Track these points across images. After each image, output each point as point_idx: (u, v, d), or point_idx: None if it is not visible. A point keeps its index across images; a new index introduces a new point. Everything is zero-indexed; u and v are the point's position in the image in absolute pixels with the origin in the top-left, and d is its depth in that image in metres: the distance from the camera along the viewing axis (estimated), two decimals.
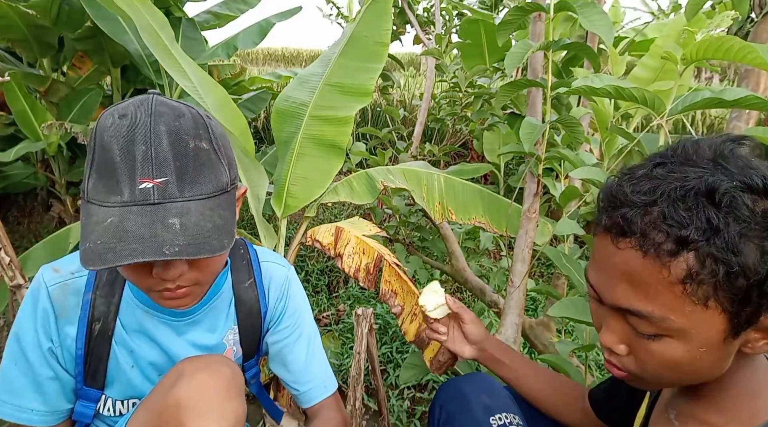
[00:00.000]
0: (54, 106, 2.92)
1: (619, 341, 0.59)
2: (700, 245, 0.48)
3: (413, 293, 1.53)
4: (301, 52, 20.42)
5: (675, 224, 0.49)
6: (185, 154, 0.63)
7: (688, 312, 0.51)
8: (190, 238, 0.61)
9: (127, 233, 0.59)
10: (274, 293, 0.94)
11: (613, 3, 2.99)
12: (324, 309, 2.54)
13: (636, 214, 0.52)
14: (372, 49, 1.77)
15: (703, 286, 0.49)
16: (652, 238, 0.50)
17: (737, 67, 5.17)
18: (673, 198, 0.50)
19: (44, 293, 0.77)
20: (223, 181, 0.67)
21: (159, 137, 0.62)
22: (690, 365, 0.54)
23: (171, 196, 0.62)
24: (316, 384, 0.95)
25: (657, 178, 0.52)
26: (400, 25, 3.75)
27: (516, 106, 2.17)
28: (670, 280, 0.50)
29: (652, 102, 1.02)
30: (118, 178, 0.61)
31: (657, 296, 0.52)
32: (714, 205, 0.48)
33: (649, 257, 0.51)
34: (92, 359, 0.79)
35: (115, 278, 0.80)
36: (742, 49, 0.90)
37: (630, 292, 0.54)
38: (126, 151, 0.61)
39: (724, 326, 0.51)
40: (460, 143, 3.75)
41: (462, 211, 1.77)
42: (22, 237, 3.09)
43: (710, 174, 0.49)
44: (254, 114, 3.31)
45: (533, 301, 2.62)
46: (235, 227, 0.68)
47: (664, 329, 0.53)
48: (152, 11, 1.49)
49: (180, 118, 0.64)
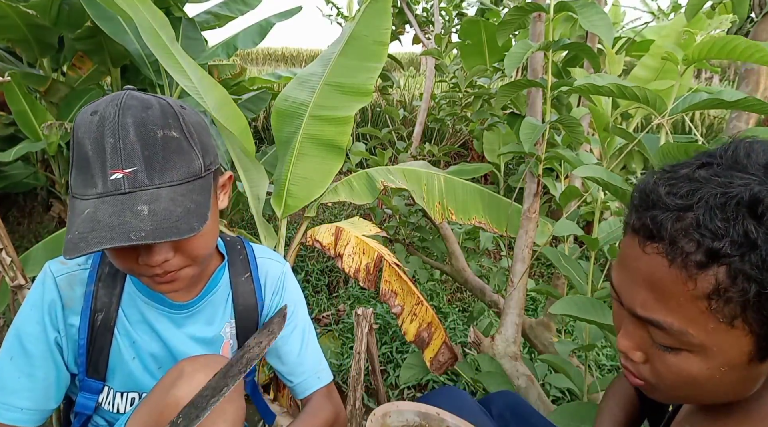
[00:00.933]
0: (54, 106, 2.92)
1: (635, 347, 0.55)
2: (733, 259, 0.44)
3: (413, 293, 1.53)
4: (301, 52, 20.43)
5: (708, 233, 0.45)
6: (153, 144, 0.65)
7: (711, 329, 0.47)
8: (158, 222, 0.63)
9: (99, 222, 0.62)
10: (269, 287, 0.95)
11: (613, 3, 2.99)
12: (324, 309, 2.54)
13: (667, 218, 0.48)
14: (372, 49, 1.77)
15: (730, 304, 0.45)
16: (682, 246, 0.46)
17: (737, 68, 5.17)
18: (711, 205, 0.45)
19: (52, 283, 0.78)
20: (195, 167, 0.69)
21: (126, 129, 0.64)
22: (708, 383, 0.51)
23: (141, 185, 0.65)
24: (309, 375, 0.96)
25: (698, 180, 0.47)
26: (399, 25, 3.76)
27: (516, 106, 2.18)
28: (695, 293, 0.46)
29: (653, 101, 1.02)
30: (92, 172, 0.64)
31: (679, 308, 0.48)
32: (755, 218, 0.44)
33: (675, 266, 0.47)
34: (94, 349, 0.80)
35: (116, 271, 0.82)
36: (748, 48, 0.89)
37: (651, 300, 0.50)
38: (97, 145, 0.64)
39: (750, 347, 0.47)
40: (460, 143, 3.75)
41: (462, 211, 1.77)
42: (22, 237, 3.10)
43: (758, 183, 0.45)
44: (254, 114, 3.32)
45: (533, 301, 2.63)
46: (209, 211, 0.69)
47: (683, 343, 0.50)
48: (152, 11, 1.49)
49: (147, 110, 0.67)
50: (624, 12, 2.72)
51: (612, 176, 1.04)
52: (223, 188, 0.80)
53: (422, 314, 1.53)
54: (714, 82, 8.16)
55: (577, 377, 1.26)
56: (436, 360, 1.53)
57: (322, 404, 0.95)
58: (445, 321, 2.40)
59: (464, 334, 2.29)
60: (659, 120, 1.02)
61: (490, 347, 1.48)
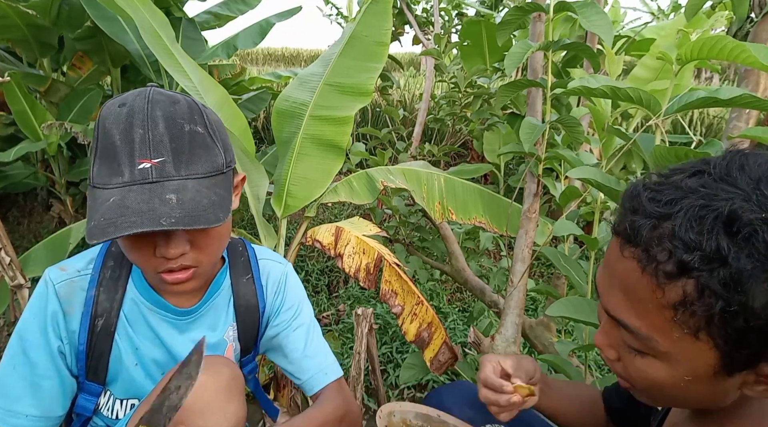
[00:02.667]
0: (54, 106, 2.92)
1: (609, 345, 0.57)
2: (702, 274, 0.44)
3: (414, 293, 1.53)
4: (301, 52, 20.43)
5: (681, 245, 0.45)
6: (180, 137, 0.67)
7: (676, 338, 0.48)
8: (187, 211, 0.64)
9: (128, 208, 0.63)
10: (271, 288, 0.95)
11: (613, 3, 2.99)
12: (324, 309, 2.54)
13: (645, 225, 0.48)
14: (372, 49, 1.77)
15: (695, 317, 0.46)
16: (655, 255, 0.47)
17: (737, 67, 5.18)
18: (689, 217, 0.45)
19: (52, 291, 0.78)
20: (218, 163, 0.71)
21: (155, 121, 0.66)
22: (674, 390, 0.52)
23: (168, 175, 0.66)
24: (316, 372, 0.96)
25: (683, 189, 0.47)
26: (399, 26, 3.76)
27: (516, 106, 2.18)
28: (662, 302, 0.47)
29: (648, 102, 1.02)
30: (119, 161, 0.66)
31: (647, 314, 0.49)
32: (729, 235, 0.43)
33: (647, 273, 0.48)
34: (94, 354, 0.80)
35: (118, 276, 0.81)
36: (735, 49, 0.89)
37: (623, 303, 0.52)
38: (125, 135, 0.66)
39: (714, 361, 0.48)
40: (460, 143, 3.75)
41: (462, 211, 1.78)
42: (22, 237, 3.10)
43: (742, 198, 0.44)
44: (254, 114, 3.32)
45: (533, 301, 2.63)
46: (231, 206, 0.71)
47: (649, 348, 0.51)
48: (152, 11, 1.49)
49: (175, 105, 0.69)
50: (624, 12, 2.72)
51: (606, 177, 1.04)
52: (236, 189, 0.81)
53: (422, 314, 1.53)
54: (714, 82, 8.16)
55: (577, 377, 1.25)
56: (437, 360, 1.53)
57: (330, 398, 0.94)
58: (445, 321, 2.40)
59: (464, 334, 2.29)
60: (654, 120, 1.02)
61: (490, 347, 1.48)
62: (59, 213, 3.21)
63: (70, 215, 3.10)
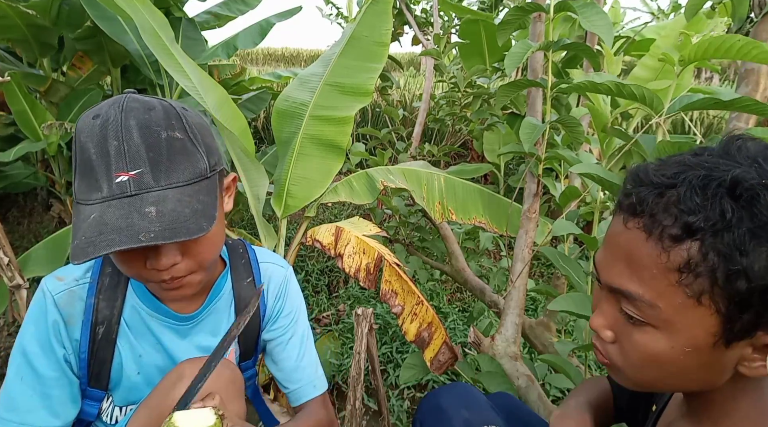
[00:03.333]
0: (54, 106, 2.92)
1: (606, 325, 0.57)
2: (706, 235, 0.45)
3: (414, 293, 1.53)
4: (301, 52, 20.42)
5: (686, 209, 0.47)
6: (157, 145, 0.65)
7: (679, 304, 0.49)
8: (167, 223, 0.62)
9: (107, 225, 0.62)
10: (272, 292, 0.95)
11: (613, 3, 2.99)
12: (324, 309, 2.54)
13: (651, 193, 0.50)
14: (372, 49, 1.77)
15: (699, 279, 0.47)
16: (660, 220, 0.48)
17: (737, 68, 5.17)
18: (693, 184, 0.47)
19: (51, 302, 0.77)
20: (200, 168, 0.69)
21: (129, 131, 0.64)
22: (672, 365, 0.52)
23: (147, 187, 0.64)
24: (305, 383, 0.96)
25: (686, 164, 0.49)
26: (399, 26, 3.76)
27: (516, 106, 2.18)
28: (667, 266, 0.48)
29: (650, 100, 1.02)
30: (97, 176, 0.64)
31: (651, 280, 0.50)
32: (733, 199, 0.45)
33: (652, 238, 0.49)
34: (96, 362, 0.80)
35: (117, 283, 0.81)
36: (745, 46, 0.89)
37: (626, 272, 0.52)
38: (100, 148, 0.64)
39: (715, 329, 0.48)
40: (460, 143, 3.75)
41: (462, 211, 1.78)
42: (22, 237, 3.09)
43: (742, 169, 0.46)
44: (254, 114, 3.31)
45: (533, 301, 2.62)
46: (217, 211, 0.68)
47: (650, 316, 0.51)
48: (152, 11, 1.49)
49: (150, 112, 0.66)
50: (624, 12, 2.72)
51: (608, 173, 1.04)
52: (227, 190, 0.80)
53: (423, 314, 1.53)
54: (714, 82, 8.16)
55: (577, 377, 1.25)
56: (437, 360, 1.53)
57: (315, 412, 0.94)
58: (445, 321, 2.40)
59: (464, 334, 2.29)
60: (656, 119, 1.02)
61: (490, 347, 1.48)
62: (59, 213, 3.21)
63: (70, 214, 3.10)
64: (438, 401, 0.94)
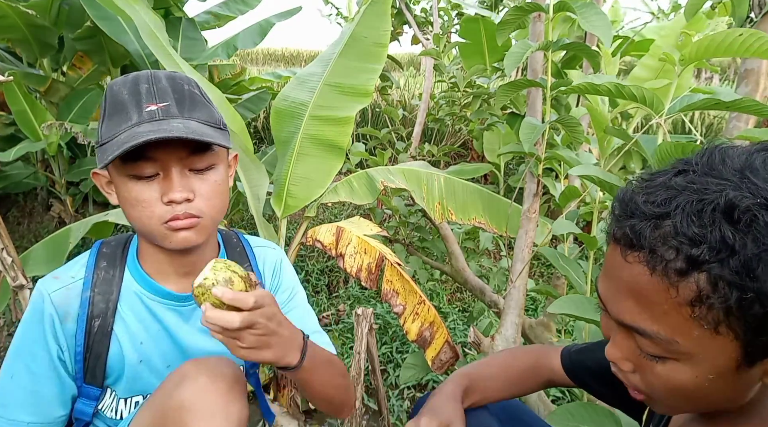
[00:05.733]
0: (54, 106, 2.92)
1: (624, 357, 0.56)
2: (712, 266, 0.44)
3: (415, 293, 1.53)
4: (301, 52, 20.41)
5: (687, 241, 0.45)
6: (181, 91, 0.76)
7: (696, 336, 0.47)
8: (193, 132, 0.70)
9: (139, 133, 0.69)
10: (269, 272, 0.98)
11: (613, 3, 2.99)
12: (324, 309, 2.54)
13: (646, 226, 0.48)
14: (371, 50, 1.77)
15: (713, 310, 0.45)
16: (661, 254, 0.47)
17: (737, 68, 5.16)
18: (687, 212, 0.45)
19: (47, 300, 0.78)
20: (216, 117, 0.78)
21: (158, 79, 0.75)
22: (698, 392, 0.51)
23: (173, 115, 0.73)
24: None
25: (674, 188, 0.48)
26: (398, 26, 3.76)
27: (515, 106, 2.18)
28: (677, 301, 0.47)
29: (650, 101, 1.02)
30: (127, 110, 0.72)
31: (664, 316, 0.48)
32: (731, 224, 0.44)
33: (656, 274, 0.47)
34: (91, 356, 0.80)
35: (112, 276, 0.82)
36: (747, 39, 0.87)
37: (636, 309, 0.51)
38: (132, 89, 0.74)
39: (737, 353, 0.47)
40: (460, 143, 3.75)
41: (462, 211, 1.78)
42: (22, 237, 3.10)
43: (733, 188, 0.45)
44: (254, 114, 3.32)
45: (533, 301, 2.63)
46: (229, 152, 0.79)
47: (670, 351, 0.49)
48: (147, 12, 1.49)
49: (173, 73, 0.78)
50: (624, 12, 2.72)
51: (607, 175, 1.04)
52: (231, 169, 0.86)
53: (424, 314, 1.53)
54: (714, 82, 8.16)
55: None
56: (438, 359, 1.53)
57: (335, 357, 0.94)
58: (445, 321, 2.40)
59: (464, 334, 2.29)
60: (656, 120, 1.02)
61: (490, 347, 1.48)
62: (59, 213, 3.22)
63: (70, 214, 3.11)
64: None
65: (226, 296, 0.63)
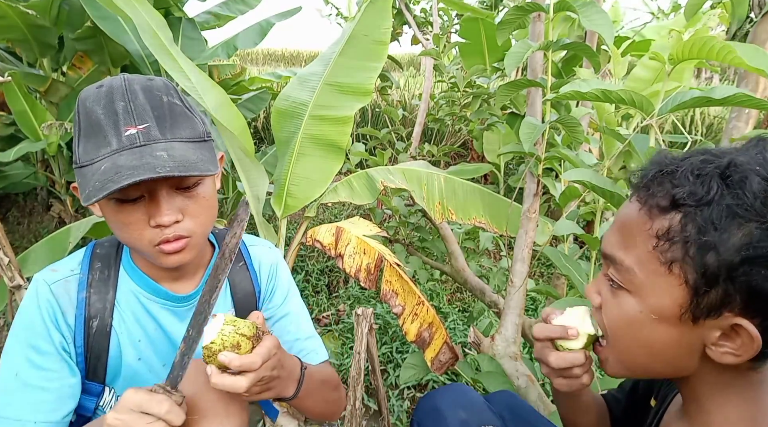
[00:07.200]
0: (54, 106, 2.92)
1: (596, 290, 0.62)
2: (688, 209, 0.49)
3: (414, 293, 1.53)
4: (301, 52, 20.42)
5: (678, 184, 0.50)
6: (161, 106, 0.71)
7: (651, 270, 0.52)
8: (178, 163, 0.67)
9: (122, 166, 0.65)
10: (264, 273, 0.97)
11: (613, 3, 2.99)
12: (324, 309, 2.54)
13: (657, 172, 0.53)
14: (371, 48, 1.77)
15: (673, 246, 0.50)
16: (654, 192, 0.52)
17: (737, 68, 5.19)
18: (694, 165, 0.50)
19: (47, 290, 0.78)
20: (199, 130, 0.74)
21: (135, 93, 0.69)
22: (641, 332, 0.55)
23: (155, 138, 0.68)
24: (309, 351, 0.96)
25: (706, 151, 0.53)
26: (398, 26, 3.76)
27: (515, 106, 2.18)
28: (649, 233, 0.52)
29: (640, 103, 1.02)
30: (105, 133, 0.67)
31: (634, 246, 0.54)
32: (722, 178, 0.48)
33: (644, 208, 0.53)
34: (92, 355, 0.80)
35: (107, 276, 0.82)
36: (722, 49, 0.89)
37: (616, 239, 0.57)
38: (108, 109, 0.68)
39: (682, 300, 0.51)
40: (460, 143, 3.75)
41: (462, 211, 1.77)
42: (22, 237, 3.10)
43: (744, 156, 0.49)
44: (254, 114, 3.32)
45: (533, 301, 2.62)
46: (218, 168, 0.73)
47: (626, 281, 0.55)
48: (149, 11, 1.49)
49: (151, 81, 0.73)
50: (624, 12, 2.72)
51: (600, 179, 1.04)
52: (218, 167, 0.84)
53: (423, 314, 1.53)
54: (714, 82, 8.15)
55: None
56: (437, 360, 1.53)
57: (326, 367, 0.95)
58: (445, 321, 2.40)
59: (464, 334, 2.29)
60: (648, 121, 1.02)
61: (490, 347, 1.48)
62: (59, 213, 3.21)
63: (70, 214, 3.10)
64: (435, 402, 0.95)
65: (234, 364, 0.63)
